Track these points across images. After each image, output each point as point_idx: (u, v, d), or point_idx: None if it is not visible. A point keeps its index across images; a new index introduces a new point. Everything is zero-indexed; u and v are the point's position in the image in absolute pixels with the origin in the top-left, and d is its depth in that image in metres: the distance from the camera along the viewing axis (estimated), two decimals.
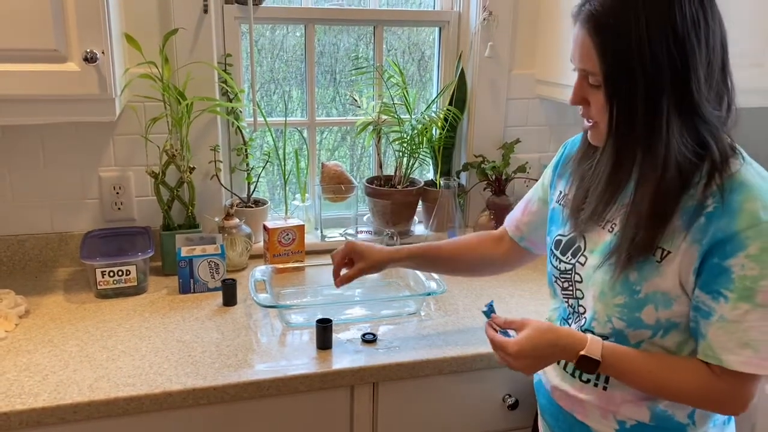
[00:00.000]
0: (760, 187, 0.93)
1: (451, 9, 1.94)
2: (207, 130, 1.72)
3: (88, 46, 1.27)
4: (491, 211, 1.88)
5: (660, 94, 0.92)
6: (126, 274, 1.53)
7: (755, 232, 0.90)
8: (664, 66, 0.91)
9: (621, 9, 0.92)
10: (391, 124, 1.90)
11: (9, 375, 1.20)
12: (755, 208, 0.91)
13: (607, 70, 0.94)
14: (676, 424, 1.04)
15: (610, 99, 0.95)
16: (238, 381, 1.21)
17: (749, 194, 0.92)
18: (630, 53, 0.91)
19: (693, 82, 0.91)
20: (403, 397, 1.34)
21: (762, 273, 0.90)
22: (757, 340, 0.92)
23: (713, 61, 0.94)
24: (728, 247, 0.91)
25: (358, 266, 1.34)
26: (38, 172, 1.65)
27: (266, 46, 1.91)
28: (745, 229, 0.90)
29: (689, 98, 0.92)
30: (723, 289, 0.92)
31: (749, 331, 0.92)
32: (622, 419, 1.06)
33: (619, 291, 1.01)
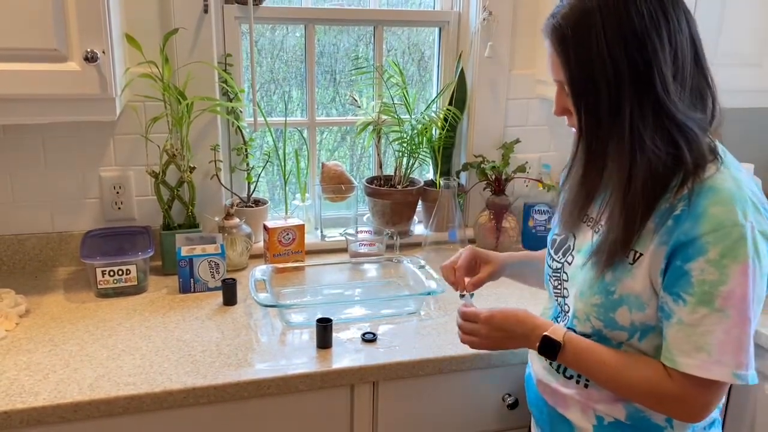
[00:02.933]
0: (729, 191, 0.93)
1: (451, 9, 1.94)
2: (207, 130, 1.72)
3: (89, 46, 1.28)
4: (491, 211, 1.89)
5: (623, 98, 0.94)
6: (126, 273, 1.53)
7: (716, 236, 0.90)
8: (625, 70, 0.92)
9: (580, 18, 0.94)
10: (391, 124, 1.90)
11: (9, 374, 1.21)
12: (719, 212, 0.91)
13: (571, 78, 0.97)
14: (652, 425, 1.04)
15: (576, 106, 0.98)
16: (239, 380, 1.21)
17: (716, 198, 0.92)
18: (590, 60, 0.94)
19: (657, 83, 0.92)
20: (403, 397, 1.34)
21: (721, 278, 0.90)
22: (712, 344, 0.92)
23: (682, 58, 0.94)
24: (690, 250, 0.92)
25: (488, 270, 1.31)
26: (39, 171, 1.65)
27: (266, 46, 1.91)
28: (707, 234, 0.90)
29: (655, 100, 0.93)
30: (683, 293, 0.93)
31: (706, 335, 0.92)
32: (601, 415, 1.07)
33: (596, 291, 1.02)
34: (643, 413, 1.04)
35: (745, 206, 0.92)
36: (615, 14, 0.92)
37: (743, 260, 0.90)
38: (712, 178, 0.94)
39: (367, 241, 1.80)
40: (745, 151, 2.02)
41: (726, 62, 1.76)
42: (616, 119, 0.95)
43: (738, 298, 0.91)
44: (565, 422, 1.12)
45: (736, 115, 2.09)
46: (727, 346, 0.91)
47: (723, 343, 0.91)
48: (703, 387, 0.94)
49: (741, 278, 0.90)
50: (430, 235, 1.83)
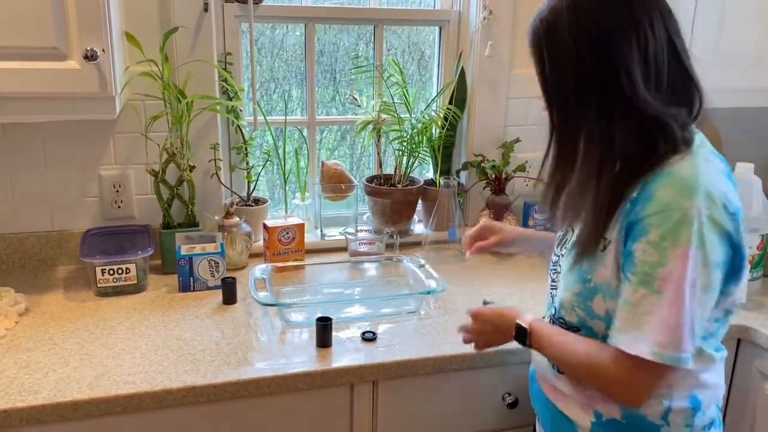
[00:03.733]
0: (682, 177, 0.94)
1: (451, 8, 1.94)
2: (207, 129, 1.72)
3: (89, 44, 1.28)
4: (491, 210, 1.88)
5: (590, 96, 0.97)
6: (126, 272, 1.53)
7: (659, 218, 0.92)
8: (592, 69, 0.96)
9: (553, 18, 0.99)
10: (391, 123, 1.90)
11: (9, 372, 1.21)
12: (665, 195, 0.93)
13: (543, 77, 1.02)
14: (648, 424, 1.04)
15: (548, 103, 1.03)
16: (238, 379, 1.21)
17: (666, 182, 0.94)
18: (560, 59, 0.98)
19: (624, 81, 0.95)
20: (402, 396, 1.34)
21: (660, 260, 0.92)
22: (646, 323, 0.94)
23: (656, 57, 0.97)
24: (635, 231, 0.94)
25: (494, 239, 1.42)
26: (38, 170, 1.65)
27: (266, 45, 1.91)
28: (651, 215, 0.93)
29: (623, 98, 0.96)
30: (628, 272, 0.96)
31: (644, 315, 0.94)
32: (599, 411, 1.08)
33: (576, 280, 1.05)
34: (638, 411, 1.04)
35: (696, 192, 0.93)
36: (584, 15, 0.96)
37: (684, 244, 0.91)
38: (671, 165, 0.96)
39: (367, 240, 1.80)
40: (745, 151, 2.02)
41: (726, 62, 1.76)
42: (585, 117, 0.99)
43: (675, 280, 0.92)
44: (565, 419, 1.13)
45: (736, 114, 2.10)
46: (660, 326, 0.93)
47: (656, 324, 0.93)
48: (638, 368, 0.95)
49: (679, 261, 0.91)
50: (430, 234, 1.84)
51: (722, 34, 1.73)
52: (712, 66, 1.73)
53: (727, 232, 0.95)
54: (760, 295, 1.63)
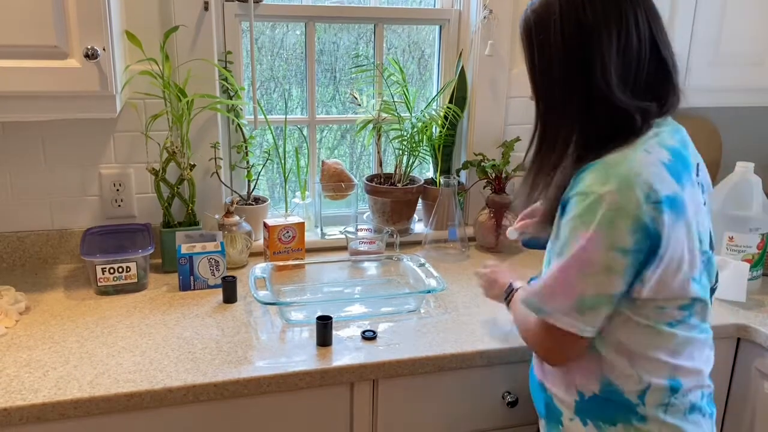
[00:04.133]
0: (609, 163, 1.00)
1: (452, 7, 1.94)
2: (207, 128, 1.72)
3: (89, 43, 1.28)
4: (491, 210, 1.88)
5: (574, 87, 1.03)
6: (126, 270, 1.53)
7: (577, 199, 0.99)
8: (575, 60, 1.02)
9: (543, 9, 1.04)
10: (391, 122, 1.90)
11: (9, 371, 1.21)
12: (588, 178, 0.99)
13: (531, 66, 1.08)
14: (624, 401, 1.06)
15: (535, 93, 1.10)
16: (239, 378, 1.21)
17: (595, 167, 1.00)
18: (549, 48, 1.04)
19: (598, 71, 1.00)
20: (402, 395, 1.34)
21: (568, 239, 0.99)
22: (541, 287, 1.04)
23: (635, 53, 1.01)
24: (563, 210, 1.02)
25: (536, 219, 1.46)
26: (38, 168, 1.65)
27: (266, 44, 1.91)
28: (574, 195, 1.00)
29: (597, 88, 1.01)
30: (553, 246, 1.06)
31: (546, 279, 1.04)
32: (581, 390, 1.10)
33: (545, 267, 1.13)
34: (614, 386, 1.07)
35: (614, 180, 0.97)
36: (574, 8, 1.01)
37: (586, 227, 0.97)
38: (611, 154, 1.01)
39: (367, 239, 1.80)
40: (745, 150, 2.03)
41: (727, 61, 1.76)
42: (568, 106, 1.05)
43: (573, 257, 0.99)
44: (554, 405, 1.15)
45: (736, 113, 2.11)
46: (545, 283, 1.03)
47: (543, 282, 1.04)
48: (543, 329, 1.06)
49: (580, 241, 0.98)
50: (430, 233, 1.84)
51: (722, 33, 1.73)
52: (712, 65, 1.75)
53: (642, 222, 0.97)
54: (759, 294, 1.63)
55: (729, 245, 1.60)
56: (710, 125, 2.12)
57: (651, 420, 1.06)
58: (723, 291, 1.55)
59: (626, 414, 1.07)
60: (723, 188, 1.61)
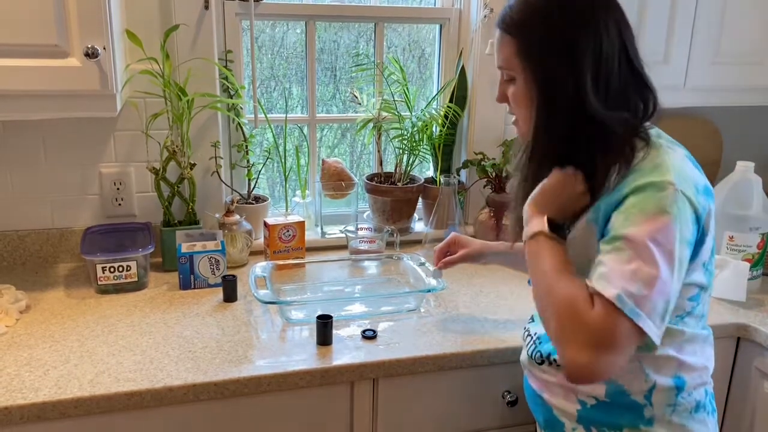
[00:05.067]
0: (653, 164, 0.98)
1: (452, 6, 1.94)
2: (207, 127, 1.72)
3: (90, 42, 1.28)
4: (491, 209, 1.88)
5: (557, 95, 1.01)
6: (126, 269, 1.53)
7: (634, 195, 0.95)
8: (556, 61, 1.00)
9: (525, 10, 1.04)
10: (392, 121, 1.90)
11: (10, 370, 1.21)
12: (639, 178, 0.96)
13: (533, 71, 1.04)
14: (631, 402, 1.05)
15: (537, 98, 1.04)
16: (239, 377, 1.21)
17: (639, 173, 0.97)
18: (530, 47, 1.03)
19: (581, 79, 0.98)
20: (403, 394, 1.34)
21: (624, 223, 0.94)
22: (606, 272, 0.94)
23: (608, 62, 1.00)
24: (618, 206, 0.97)
25: (462, 252, 1.44)
26: (39, 167, 1.65)
27: (267, 43, 1.91)
28: (627, 195, 0.96)
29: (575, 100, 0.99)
30: (601, 243, 0.97)
31: (603, 267, 0.94)
32: (583, 399, 1.08)
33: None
34: (622, 387, 1.05)
35: (666, 169, 0.96)
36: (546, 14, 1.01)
37: (652, 211, 0.93)
38: (641, 162, 0.99)
39: (368, 238, 1.80)
40: (745, 149, 2.03)
41: (727, 61, 1.76)
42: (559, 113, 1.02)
43: (639, 242, 0.91)
44: (554, 416, 1.13)
45: (736, 112, 2.11)
46: (622, 273, 0.91)
47: (616, 271, 0.92)
48: (609, 316, 0.89)
49: (644, 226, 0.92)
50: (430, 232, 1.83)
51: (723, 33, 1.73)
52: (713, 65, 1.75)
53: (698, 212, 0.96)
54: (759, 294, 1.63)
55: (729, 245, 1.60)
56: (711, 125, 2.12)
57: (658, 421, 1.05)
58: (723, 290, 1.55)
59: (633, 418, 1.05)
60: (723, 188, 1.61)
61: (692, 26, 1.70)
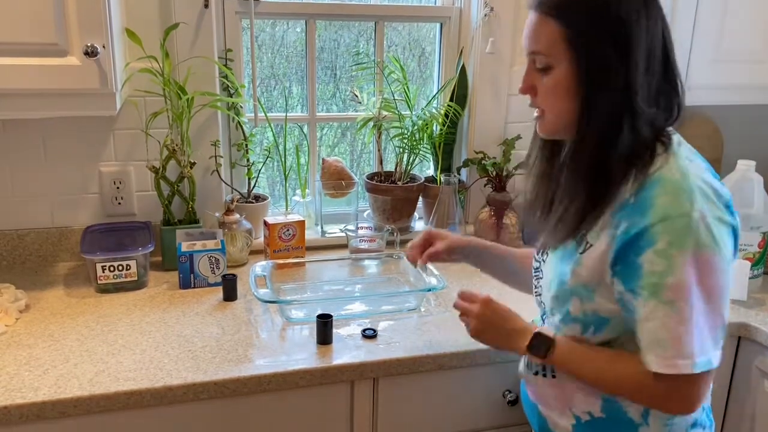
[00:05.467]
0: (675, 181, 0.93)
1: (452, 5, 1.93)
2: (207, 125, 1.72)
3: (89, 40, 1.27)
4: (492, 208, 1.88)
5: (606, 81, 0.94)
6: (126, 268, 1.53)
7: (664, 227, 0.90)
8: (612, 49, 0.92)
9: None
10: (392, 120, 1.89)
11: (9, 369, 1.21)
12: (666, 202, 0.91)
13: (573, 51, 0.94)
14: (627, 420, 1.04)
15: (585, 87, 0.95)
16: (239, 376, 1.21)
17: (662, 189, 0.92)
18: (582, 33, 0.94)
19: (632, 71, 0.93)
20: (403, 393, 1.34)
21: (667, 269, 0.90)
22: (665, 338, 0.92)
23: (654, 56, 0.95)
24: (640, 242, 0.92)
25: (442, 244, 1.30)
26: (38, 166, 1.65)
27: (267, 42, 1.90)
28: (655, 224, 0.91)
29: (631, 88, 0.93)
30: (637, 287, 0.93)
31: (658, 329, 0.92)
32: (578, 414, 1.07)
33: (555, 283, 1.05)
34: (618, 404, 1.04)
35: (692, 195, 0.92)
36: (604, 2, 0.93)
37: (690, 249, 0.90)
38: (659, 171, 0.95)
39: (368, 237, 1.80)
40: (747, 148, 2.02)
41: (729, 59, 1.75)
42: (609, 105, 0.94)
43: (686, 288, 0.90)
44: (548, 427, 1.13)
45: (737, 111, 2.10)
46: (684, 337, 0.91)
47: (676, 337, 0.91)
48: (682, 382, 0.94)
49: (687, 268, 0.90)
50: None
51: (724, 31, 1.73)
52: (714, 63, 1.75)
53: (730, 224, 0.95)
54: (760, 293, 1.62)
55: None
56: (712, 123, 2.12)
57: None
58: None
59: None
60: None
61: (693, 24, 1.69)
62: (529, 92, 1.03)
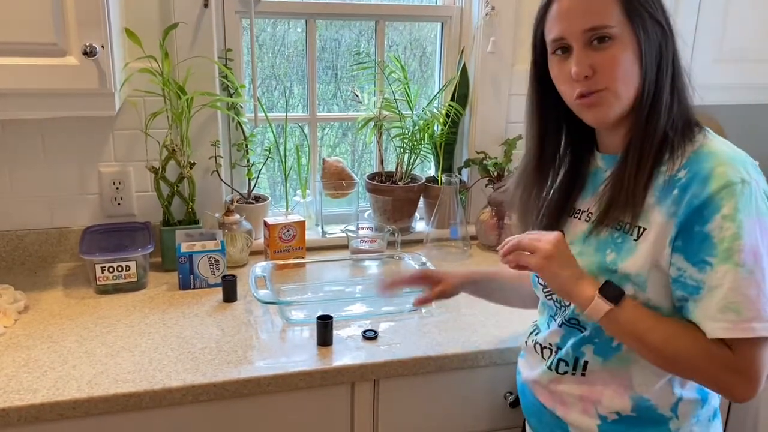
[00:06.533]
0: (728, 153, 0.95)
1: (453, 4, 1.93)
2: (207, 126, 1.71)
3: (88, 40, 1.27)
4: (493, 208, 1.88)
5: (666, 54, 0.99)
6: (126, 269, 1.52)
7: (728, 192, 0.91)
8: (661, 19, 0.98)
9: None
10: (393, 119, 1.89)
11: (8, 371, 1.20)
12: (725, 171, 0.92)
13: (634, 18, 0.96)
14: (657, 416, 1.03)
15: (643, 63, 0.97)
16: (238, 377, 1.20)
17: (718, 160, 0.94)
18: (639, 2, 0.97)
19: (676, 41, 0.99)
20: (403, 395, 1.33)
21: (738, 232, 0.90)
22: (738, 302, 0.89)
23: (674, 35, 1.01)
24: (705, 212, 0.91)
25: (438, 288, 1.28)
26: (38, 167, 1.64)
27: (267, 42, 1.90)
28: (719, 191, 0.91)
29: (677, 58, 1.00)
30: (707, 257, 0.92)
31: (729, 293, 0.90)
32: (604, 413, 1.05)
33: (597, 274, 1.01)
34: (649, 402, 1.02)
35: (746, 165, 0.94)
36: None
37: (755, 214, 0.91)
38: (707, 145, 0.97)
39: (368, 238, 1.79)
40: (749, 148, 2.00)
41: (731, 58, 1.75)
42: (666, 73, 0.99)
43: (757, 252, 0.90)
44: (568, 429, 1.10)
45: (740, 111, 2.09)
46: (761, 299, 0.89)
47: (752, 300, 0.89)
48: (755, 350, 0.90)
49: (755, 232, 0.90)
50: (431, 231, 1.83)
51: (726, 31, 1.72)
52: (716, 63, 1.74)
53: None
54: None
55: None
56: (713, 123, 2.11)
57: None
58: None
59: (658, 431, 1.03)
60: None
61: (695, 23, 1.69)
62: (589, 72, 0.97)
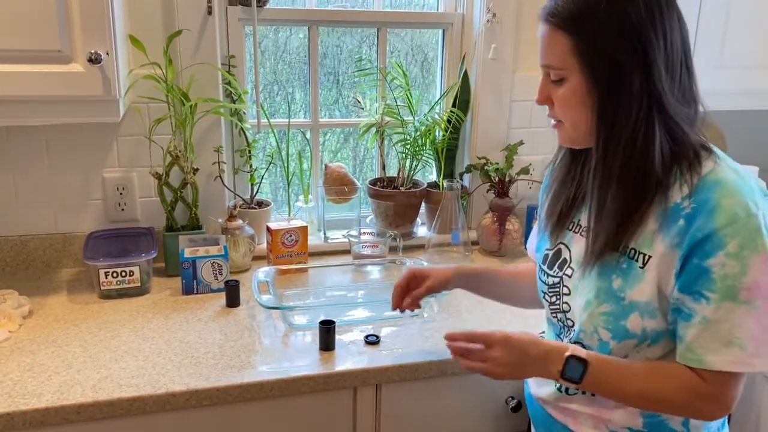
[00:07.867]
0: (735, 183, 0.92)
1: (455, 11, 1.94)
2: (210, 132, 1.72)
3: (93, 47, 1.28)
4: (494, 213, 1.88)
5: (632, 88, 0.92)
6: (129, 274, 1.53)
7: (733, 229, 0.89)
8: (627, 60, 0.91)
9: (581, 3, 0.93)
10: (395, 125, 1.89)
11: (12, 375, 1.21)
12: (732, 204, 0.90)
13: (590, 67, 0.94)
14: (670, 430, 1.03)
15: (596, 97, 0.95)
16: (241, 382, 1.21)
17: (725, 191, 0.91)
18: (593, 44, 0.93)
19: (655, 74, 0.92)
20: (405, 399, 1.33)
21: (743, 270, 0.89)
22: (743, 337, 0.90)
23: (674, 57, 0.94)
24: (707, 246, 0.90)
25: (426, 284, 1.28)
26: (42, 172, 1.65)
27: (270, 48, 1.91)
28: (724, 227, 0.89)
29: (654, 92, 0.92)
30: (704, 290, 0.91)
31: (734, 329, 0.90)
32: (615, 429, 1.05)
33: (603, 299, 1.00)
34: (660, 418, 1.02)
35: (754, 196, 0.91)
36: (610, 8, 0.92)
37: (762, 250, 0.89)
38: (714, 172, 0.93)
39: (370, 243, 1.80)
40: (750, 154, 2.02)
41: (733, 64, 1.75)
42: (630, 111, 0.93)
43: (763, 287, 0.89)
44: None
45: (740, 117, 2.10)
46: (762, 337, 0.90)
47: (756, 336, 0.90)
48: (735, 382, 0.94)
49: (763, 268, 0.89)
50: (433, 237, 1.83)
51: (727, 37, 1.73)
52: (716, 69, 1.75)
53: None
54: None
55: None
56: (714, 129, 2.12)
57: None
58: None
59: None
60: None
61: (696, 30, 1.69)
62: (546, 103, 1.02)
